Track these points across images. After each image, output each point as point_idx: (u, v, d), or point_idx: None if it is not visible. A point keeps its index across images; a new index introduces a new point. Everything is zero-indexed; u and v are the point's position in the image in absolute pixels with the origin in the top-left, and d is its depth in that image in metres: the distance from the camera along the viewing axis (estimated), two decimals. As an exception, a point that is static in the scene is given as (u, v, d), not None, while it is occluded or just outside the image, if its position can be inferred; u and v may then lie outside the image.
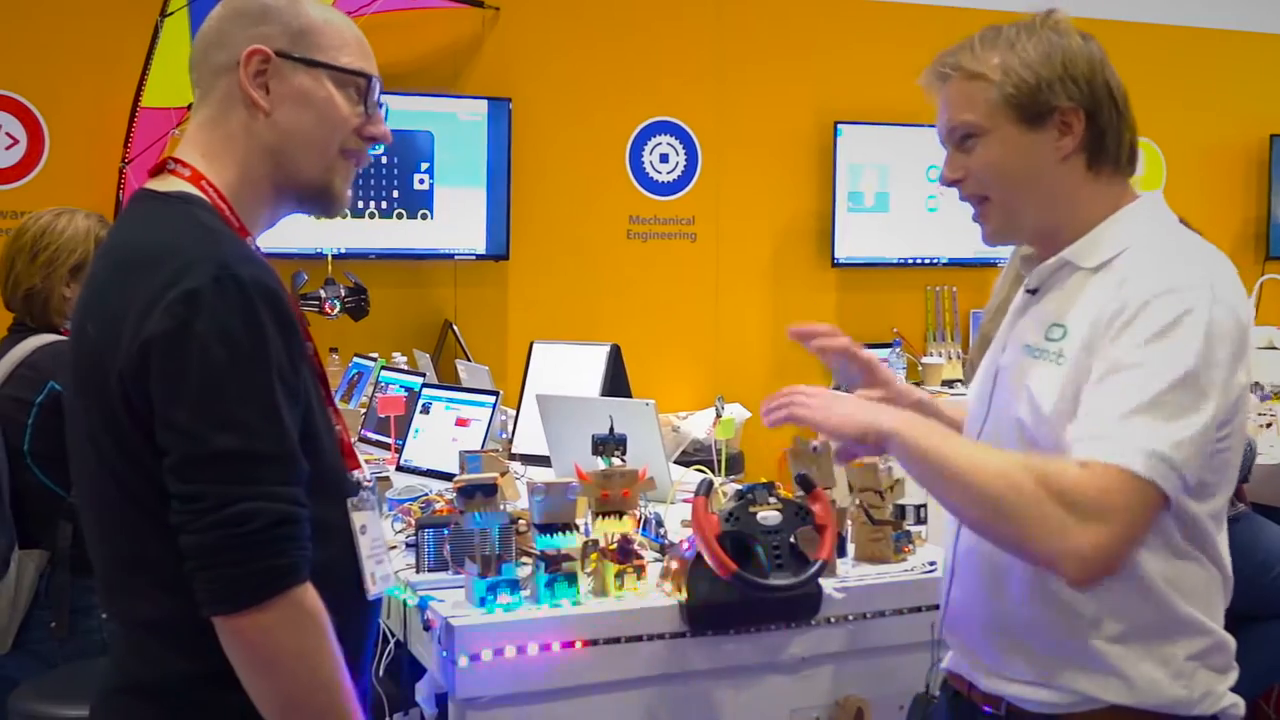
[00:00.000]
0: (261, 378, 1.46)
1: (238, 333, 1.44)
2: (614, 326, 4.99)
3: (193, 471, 1.43)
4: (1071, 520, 1.50)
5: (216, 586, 1.43)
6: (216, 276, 1.44)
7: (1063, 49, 1.70)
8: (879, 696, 2.29)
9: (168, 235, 1.52)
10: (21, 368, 2.78)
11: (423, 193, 5.12)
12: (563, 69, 5.41)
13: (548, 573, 2.15)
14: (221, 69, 1.60)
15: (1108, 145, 1.71)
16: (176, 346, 1.43)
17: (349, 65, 1.64)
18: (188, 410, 1.43)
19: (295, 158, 1.62)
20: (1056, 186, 1.71)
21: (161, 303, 1.43)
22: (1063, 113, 1.69)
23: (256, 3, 1.62)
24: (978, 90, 1.71)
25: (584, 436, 2.36)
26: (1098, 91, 1.70)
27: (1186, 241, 1.72)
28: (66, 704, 2.55)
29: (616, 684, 2.15)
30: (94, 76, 4.74)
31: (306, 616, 1.46)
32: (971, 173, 1.73)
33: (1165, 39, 6.39)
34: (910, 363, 5.62)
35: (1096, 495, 1.50)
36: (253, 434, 1.44)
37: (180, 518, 1.43)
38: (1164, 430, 1.52)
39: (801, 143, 5.80)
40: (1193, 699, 1.65)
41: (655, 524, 2.52)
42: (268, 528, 1.43)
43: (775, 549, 2.12)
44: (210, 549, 1.42)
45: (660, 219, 5.62)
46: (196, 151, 1.61)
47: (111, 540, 1.57)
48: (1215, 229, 3.56)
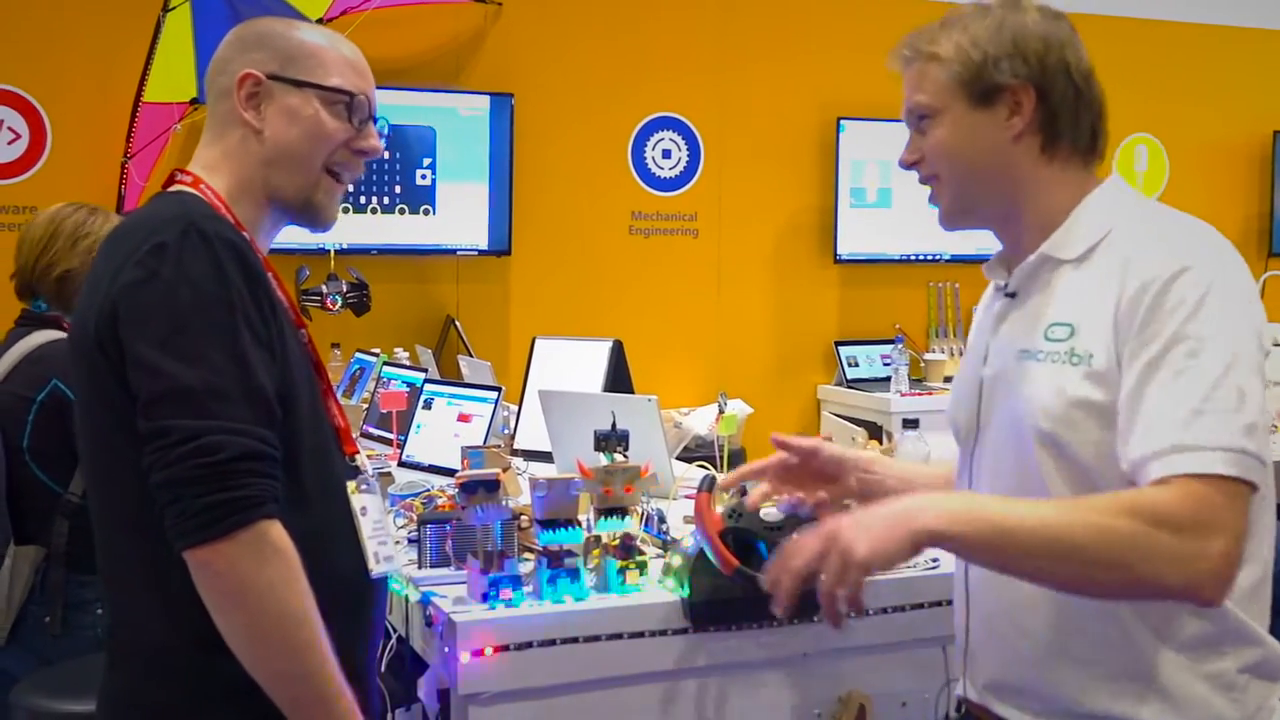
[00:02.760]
0: (226, 319, 1.53)
1: (202, 277, 1.52)
2: (616, 322, 4.99)
3: (160, 408, 1.49)
4: (1189, 545, 1.40)
5: (184, 519, 1.47)
6: (183, 230, 1.54)
7: (1014, 25, 1.66)
8: (881, 693, 2.29)
9: (148, 214, 1.65)
10: (25, 363, 2.79)
11: (425, 188, 5.11)
12: (565, 64, 5.40)
13: (550, 568, 2.15)
14: (222, 93, 1.73)
15: (1061, 127, 1.66)
16: (144, 291, 1.52)
17: (335, 85, 1.73)
18: (154, 348, 1.50)
19: (283, 172, 1.72)
20: (1008, 168, 1.67)
21: (133, 258, 1.54)
22: (1012, 91, 1.65)
23: (254, 31, 1.76)
24: (931, 71, 1.69)
25: (586, 432, 2.35)
26: (1050, 69, 1.65)
27: (1170, 215, 1.66)
28: (68, 699, 2.55)
29: (619, 680, 2.15)
30: (96, 71, 4.74)
31: (273, 550, 1.51)
32: (925, 154, 1.71)
33: (1169, 35, 6.39)
34: (912, 359, 5.62)
35: (1197, 510, 1.41)
36: (218, 371, 1.51)
37: (150, 457, 1.49)
38: (1232, 422, 1.44)
39: (804, 138, 5.80)
40: (1247, 716, 1.56)
41: (657, 520, 2.52)
42: (234, 460, 1.48)
43: (778, 545, 2.12)
44: (178, 481, 1.47)
45: (662, 215, 5.62)
46: (199, 165, 1.74)
47: (99, 495, 1.66)
48: (1218, 225, 3.55)
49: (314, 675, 1.55)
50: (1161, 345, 1.49)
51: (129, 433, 1.53)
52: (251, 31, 1.77)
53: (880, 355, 5.74)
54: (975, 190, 1.70)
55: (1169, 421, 1.45)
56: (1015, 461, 1.64)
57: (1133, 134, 6.37)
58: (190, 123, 4.60)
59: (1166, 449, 1.44)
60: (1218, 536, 1.41)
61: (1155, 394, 1.47)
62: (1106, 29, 6.20)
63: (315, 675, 1.55)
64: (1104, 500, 1.46)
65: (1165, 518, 1.41)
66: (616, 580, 2.19)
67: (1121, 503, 1.44)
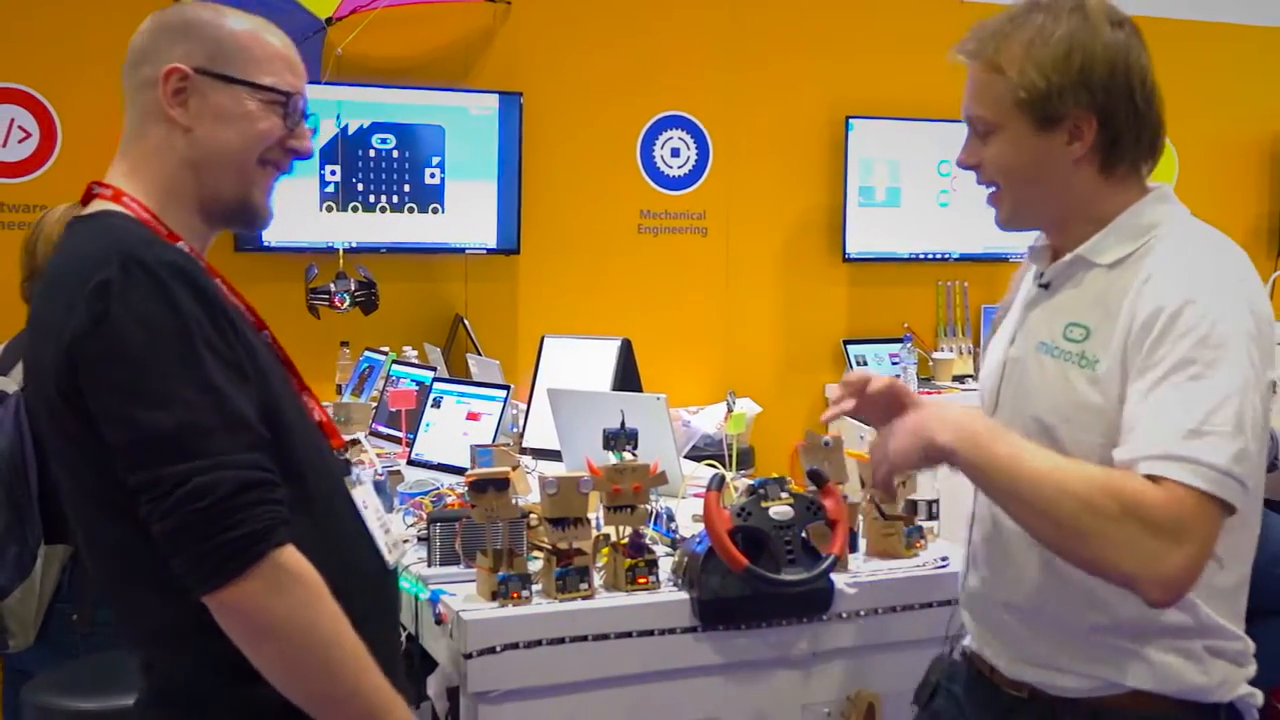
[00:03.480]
0: (186, 352, 1.45)
1: (152, 313, 1.45)
2: (625, 321, 4.99)
3: (140, 458, 1.43)
4: (1155, 544, 1.49)
5: (194, 566, 1.43)
6: (122, 264, 1.45)
7: (1084, 50, 1.66)
8: (890, 692, 2.28)
9: (82, 246, 1.54)
10: None
11: (433, 187, 5.12)
12: (574, 63, 5.40)
13: (559, 567, 2.15)
14: (144, 84, 1.63)
15: (1123, 150, 1.70)
16: (95, 339, 1.44)
17: (268, 83, 1.64)
18: (120, 398, 1.44)
19: (215, 173, 1.63)
20: (1066, 188, 1.72)
21: (79, 303, 1.45)
22: (1074, 119, 1.67)
23: (180, 18, 1.64)
24: (994, 84, 1.70)
25: (595, 431, 2.35)
26: (1115, 95, 1.67)
27: (1205, 237, 1.72)
28: (80, 697, 2.56)
29: (627, 679, 2.15)
30: (106, 70, 4.69)
31: (290, 577, 1.46)
32: (985, 163, 1.75)
33: (1177, 33, 6.37)
34: (921, 358, 5.61)
35: (1177, 515, 1.49)
36: (191, 407, 1.44)
37: (145, 509, 1.43)
38: (1227, 446, 1.50)
39: (813, 137, 5.79)
40: (1210, 686, 1.66)
41: (666, 518, 2.52)
42: (229, 496, 1.42)
43: (787, 544, 2.12)
44: (179, 530, 1.42)
45: (671, 213, 5.62)
46: (119, 170, 1.65)
47: (102, 558, 1.58)
48: (1227, 224, 3.53)
49: (359, 693, 1.50)
50: (1170, 365, 1.55)
51: (115, 483, 1.46)
52: (178, 18, 1.65)
53: (889, 354, 5.74)
54: (1034, 202, 1.75)
55: (1167, 433, 1.52)
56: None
57: (1142, 132, 6.35)
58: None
59: (1160, 454, 1.51)
60: (1185, 545, 1.49)
61: (1158, 406, 1.55)
62: (1116, 27, 6.19)
63: (360, 693, 1.50)
64: (1100, 474, 1.54)
65: (1145, 511, 1.49)
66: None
67: (1113, 482, 1.52)
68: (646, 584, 2.20)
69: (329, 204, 4.93)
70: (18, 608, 2.72)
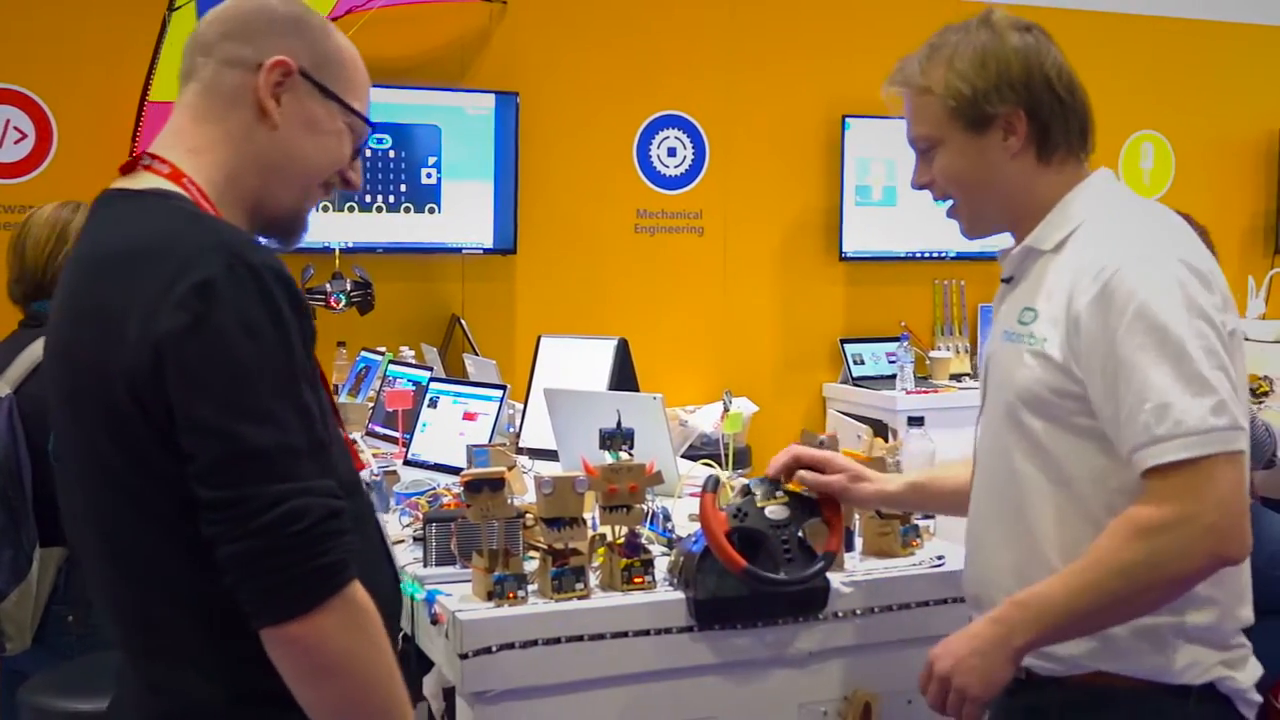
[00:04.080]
0: (288, 368, 1.38)
1: (259, 322, 1.35)
2: (621, 320, 4.99)
3: (227, 474, 1.33)
4: (1180, 538, 1.61)
5: (271, 594, 1.34)
6: (229, 264, 1.35)
7: (996, 55, 1.81)
8: (888, 691, 2.28)
9: (157, 229, 1.42)
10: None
11: (430, 187, 5.11)
12: (570, 63, 5.40)
13: (555, 567, 2.15)
14: (238, 63, 1.52)
15: (1054, 136, 1.83)
16: (195, 342, 1.33)
17: (358, 108, 1.60)
18: (216, 408, 1.33)
19: (283, 179, 1.56)
20: (1012, 182, 1.85)
21: (170, 298, 1.34)
22: (1004, 116, 1.81)
23: (291, 13, 1.57)
24: (927, 104, 1.86)
25: (591, 430, 2.35)
26: (1035, 89, 1.81)
27: (1136, 208, 1.85)
28: (75, 698, 2.56)
29: (624, 678, 2.15)
30: (102, 71, 4.74)
31: (361, 613, 1.39)
32: (935, 178, 1.89)
33: (1175, 32, 6.38)
34: (918, 356, 5.61)
35: (1172, 505, 1.61)
36: (287, 427, 1.36)
37: (217, 528, 1.34)
38: (1198, 407, 1.61)
39: (809, 136, 5.79)
40: (1172, 668, 1.73)
41: (662, 518, 2.52)
42: (318, 523, 1.35)
43: (784, 543, 2.12)
44: (259, 554, 1.33)
45: (668, 213, 5.62)
46: (183, 145, 1.53)
47: (123, 565, 1.46)
48: (1224, 223, 3.56)
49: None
50: (1119, 346, 1.65)
51: (174, 495, 1.37)
52: (289, 11, 1.56)
53: (886, 353, 5.73)
54: (988, 205, 1.89)
55: (1140, 422, 1.63)
56: (994, 435, 1.86)
57: (1138, 131, 6.36)
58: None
59: (1145, 442, 1.63)
60: (1198, 517, 1.60)
61: (1125, 393, 1.65)
62: (1113, 26, 6.19)
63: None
64: (1110, 539, 1.66)
65: (1152, 528, 1.62)
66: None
67: (1119, 533, 1.64)
68: (642, 584, 2.20)
69: (325, 204, 4.91)
70: (14, 611, 2.72)
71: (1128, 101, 6.22)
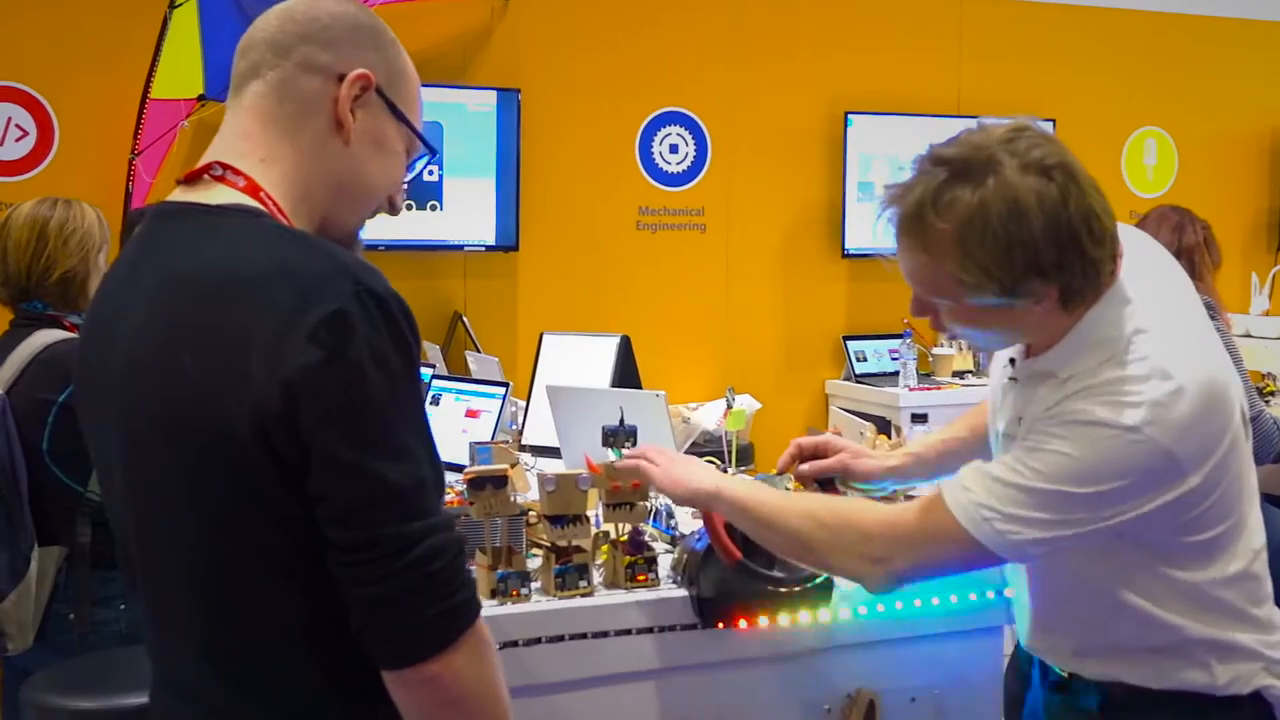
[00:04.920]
0: (416, 399, 1.34)
1: (388, 353, 1.29)
2: (624, 317, 4.98)
3: (369, 514, 1.28)
4: (865, 548, 1.74)
5: (410, 634, 1.30)
6: (356, 293, 1.28)
7: (1022, 243, 1.57)
8: (890, 689, 2.28)
9: (264, 252, 1.34)
10: (35, 365, 2.75)
11: (432, 184, 5.11)
12: (572, 59, 5.39)
13: (558, 564, 2.15)
14: (317, 69, 1.43)
15: (1083, 290, 1.65)
16: (331, 379, 1.26)
17: (421, 133, 1.53)
18: (354, 447, 1.27)
19: (350, 198, 1.48)
20: (1033, 325, 1.70)
21: (299, 331, 1.26)
22: (1029, 290, 1.62)
23: (373, 24, 1.49)
24: (931, 269, 1.67)
25: (594, 428, 2.35)
26: (1066, 258, 1.59)
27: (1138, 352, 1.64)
28: (78, 696, 2.55)
29: (627, 676, 2.15)
30: (103, 68, 4.74)
31: (484, 642, 1.37)
32: (942, 321, 1.74)
33: (1178, 28, 6.37)
34: (920, 354, 5.60)
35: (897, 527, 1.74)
36: (419, 461, 1.32)
37: (355, 569, 1.29)
38: (1000, 493, 1.64)
39: (811, 133, 5.79)
40: (1215, 684, 1.72)
41: (665, 515, 2.51)
42: (454, 559, 1.32)
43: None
44: (402, 595, 1.29)
45: (670, 210, 5.61)
46: (254, 155, 1.42)
47: (224, 605, 1.38)
48: (1228, 218, 3.55)
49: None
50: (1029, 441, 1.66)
51: (288, 537, 1.31)
52: (370, 20, 1.48)
53: (889, 350, 5.73)
54: (1003, 343, 1.81)
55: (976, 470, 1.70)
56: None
57: (1142, 127, 6.35)
58: (198, 119, 4.60)
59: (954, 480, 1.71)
60: (890, 561, 1.75)
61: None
62: (1117, 21, 6.18)
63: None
64: (832, 503, 1.87)
65: (858, 526, 1.78)
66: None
67: (837, 509, 1.83)
68: (646, 581, 2.20)
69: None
70: (14, 611, 2.72)
71: (1131, 97, 6.21)
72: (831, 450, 2.15)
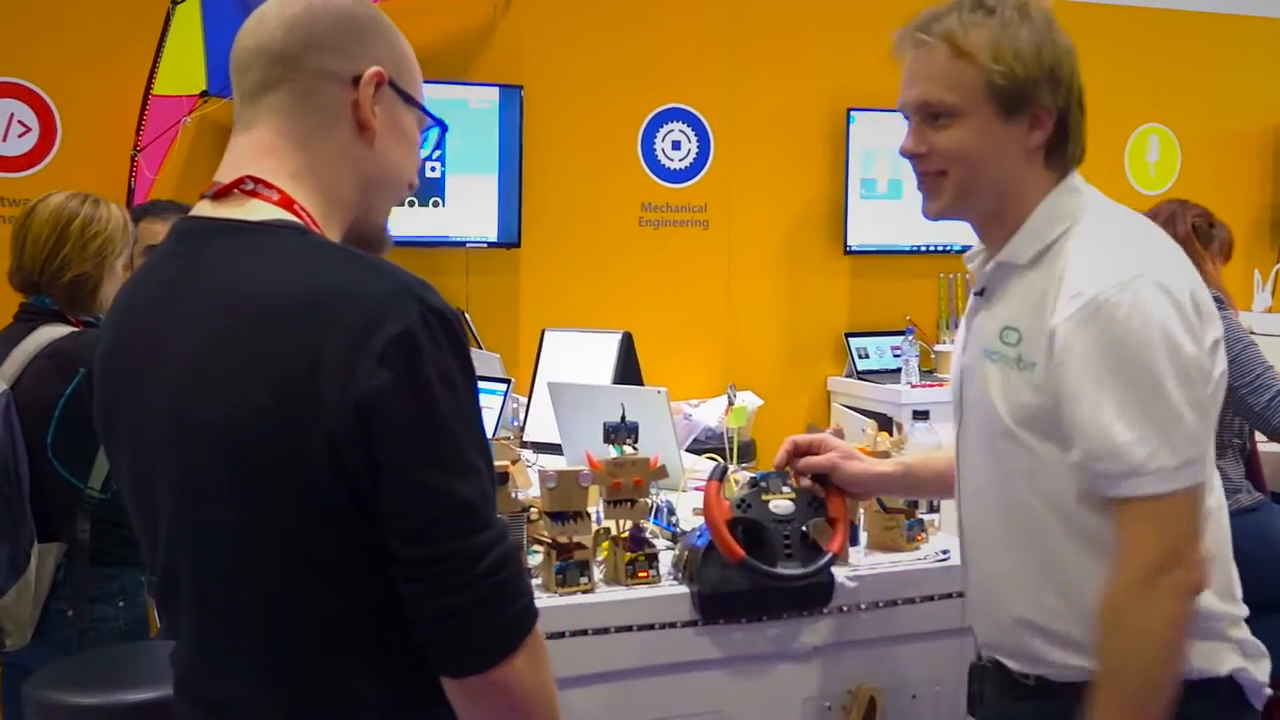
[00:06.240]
0: (477, 414, 1.36)
1: (452, 370, 1.31)
2: (626, 314, 4.98)
3: (439, 530, 1.30)
4: (1149, 594, 1.58)
5: (477, 642, 1.32)
6: (420, 312, 1.29)
7: (1051, 48, 1.72)
8: (892, 686, 2.28)
9: (321, 272, 1.33)
10: (40, 359, 2.74)
11: (434, 180, 5.11)
12: (574, 56, 5.39)
13: (559, 561, 2.15)
14: (331, 76, 1.41)
15: (1069, 146, 1.75)
16: (402, 400, 1.27)
17: (432, 113, 1.52)
18: (426, 466, 1.29)
19: (381, 194, 1.49)
20: (1013, 176, 1.75)
21: (369, 353, 1.26)
22: (1035, 109, 1.71)
23: (368, 13, 1.47)
24: (963, 71, 1.72)
25: (596, 424, 2.35)
26: (1074, 95, 1.74)
27: (1117, 223, 1.75)
28: (79, 692, 2.55)
29: (628, 673, 2.15)
30: (105, 64, 4.73)
31: (543, 646, 1.39)
32: (936, 149, 1.77)
33: (1181, 24, 6.36)
34: (923, 350, 5.61)
35: (1141, 563, 1.59)
36: (483, 475, 1.34)
37: (424, 584, 1.30)
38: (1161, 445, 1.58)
39: (814, 129, 5.78)
40: (1189, 665, 1.66)
41: (667, 512, 2.52)
42: (516, 567, 1.34)
43: (785, 538, 2.12)
44: (472, 606, 1.30)
45: (672, 206, 5.61)
46: (283, 170, 1.40)
47: (295, 631, 1.37)
48: (1230, 216, 3.54)
49: None
50: (1085, 374, 1.60)
51: (357, 555, 1.32)
52: (365, 12, 1.46)
53: (890, 347, 5.73)
54: (980, 192, 1.77)
55: (1104, 446, 1.59)
56: (985, 449, 1.78)
57: (1144, 124, 6.34)
58: (200, 115, 4.59)
59: (1110, 473, 1.60)
60: (1147, 552, 1.59)
61: (1087, 421, 1.61)
62: (1119, 18, 6.17)
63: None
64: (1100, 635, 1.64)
65: (1121, 606, 1.60)
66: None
67: (1104, 625, 1.62)
68: (647, 578, 2.20)
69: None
70: (13, 607, 2.72)
71: (1133, 94, 6.20)
72: (825, 449, 2.14)
